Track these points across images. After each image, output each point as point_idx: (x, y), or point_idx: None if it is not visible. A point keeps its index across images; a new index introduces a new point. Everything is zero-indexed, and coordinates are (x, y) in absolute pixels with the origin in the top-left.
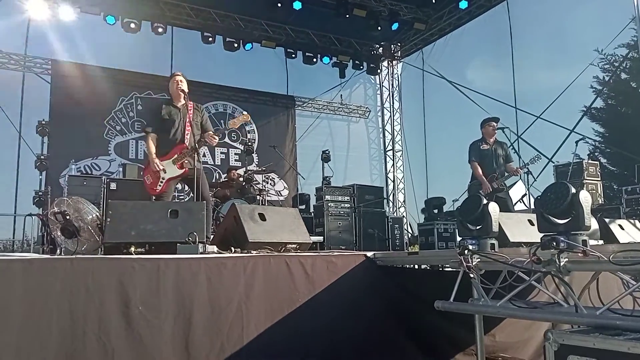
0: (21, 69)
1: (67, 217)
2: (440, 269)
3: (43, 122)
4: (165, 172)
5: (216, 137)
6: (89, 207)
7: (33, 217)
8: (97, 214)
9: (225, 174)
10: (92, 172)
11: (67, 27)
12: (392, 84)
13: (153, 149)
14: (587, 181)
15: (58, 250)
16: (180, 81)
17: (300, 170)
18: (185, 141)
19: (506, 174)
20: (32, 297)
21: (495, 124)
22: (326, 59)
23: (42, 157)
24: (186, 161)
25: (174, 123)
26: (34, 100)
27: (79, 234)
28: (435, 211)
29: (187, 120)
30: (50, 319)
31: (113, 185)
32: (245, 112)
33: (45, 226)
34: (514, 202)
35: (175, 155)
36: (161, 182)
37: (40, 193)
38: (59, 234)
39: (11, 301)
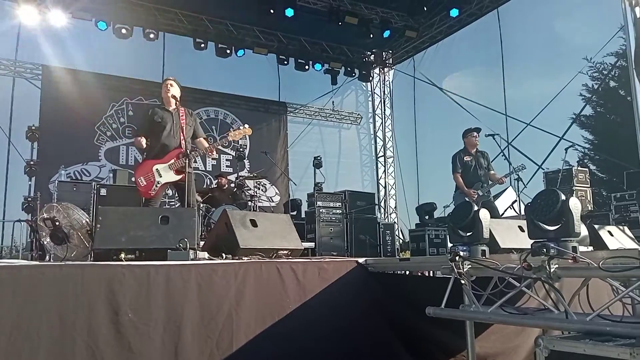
0: (11, 74)
1: (57, 223)
2: (432, 275)
3: (33, 128)
4: (160, 177)
5: (214, 151)
6: (78, 213)
7: (22, 223)
8: (87, 220)
9: (216, 180)
10: (82, 178)
11: (58, 32)
12: (384, 91)
13: (144, 142)
14: (576, 188)
15: (47, 257)
16: (170, 85)
17: (292, 176)
18: (182, 146)
19: (490, 182)
20: (20, 304)
21: (477, 135)
22: (318, 66)
23: (32, 162)
24: (182, 166)
25: (166, 127)
26: (23, 106)
27: (68, 240)
28: (427, 217)
29: (180, 125)
30: (39, 326)
31: (103, 191)
32: (247, 126)
33: (34, 232)
34: (504, 209)
35: (172, 160)
36: (156, 186)
37: (29, 199)
38: (48, 240)
39: None
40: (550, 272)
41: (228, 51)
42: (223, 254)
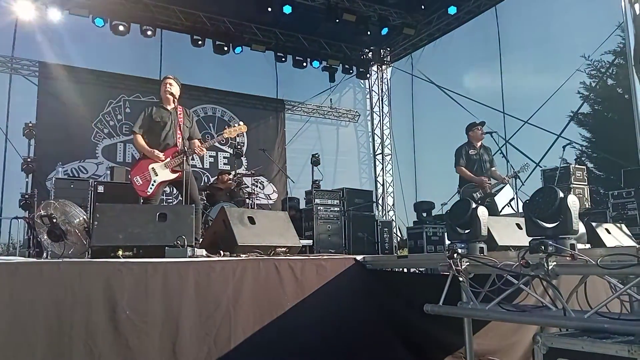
0: (8, 70)
1: (54, 221)
2: (429, 272)
3: (30, 125)
4: (156, 175)
5: (204, 149)
6: (76, 210)
7: (19, 220)
8: (84, 217)
9: (215, 177)
10: (80, 175)
11: (55, 29)
12: (382, 89)
13: (145, 144)
14: (574, 185)
15: (44, 254)
16: (170, 84)
17: (290, 173)
18: (178, 144)
19: (494, 181)
20: (18, 302)
21: (482, 128)
22: (316, 63)
23: (29, 159)
24: (178, 164)
25: (165, 126)
26: (20, 103)
27: (65, 238)
28: (424, 214)
29: (178, 123)
30: (37, 324)
31: (100, 189)
32: (242, 123)
33: (31, 229)
34: (502, 206)
35: (168, 159)
36: (152, 184)
37: (26, 196)
38: (45, 237)
39: None
40: (548, 270)
41: (226, 48)
42: (221, 251)
